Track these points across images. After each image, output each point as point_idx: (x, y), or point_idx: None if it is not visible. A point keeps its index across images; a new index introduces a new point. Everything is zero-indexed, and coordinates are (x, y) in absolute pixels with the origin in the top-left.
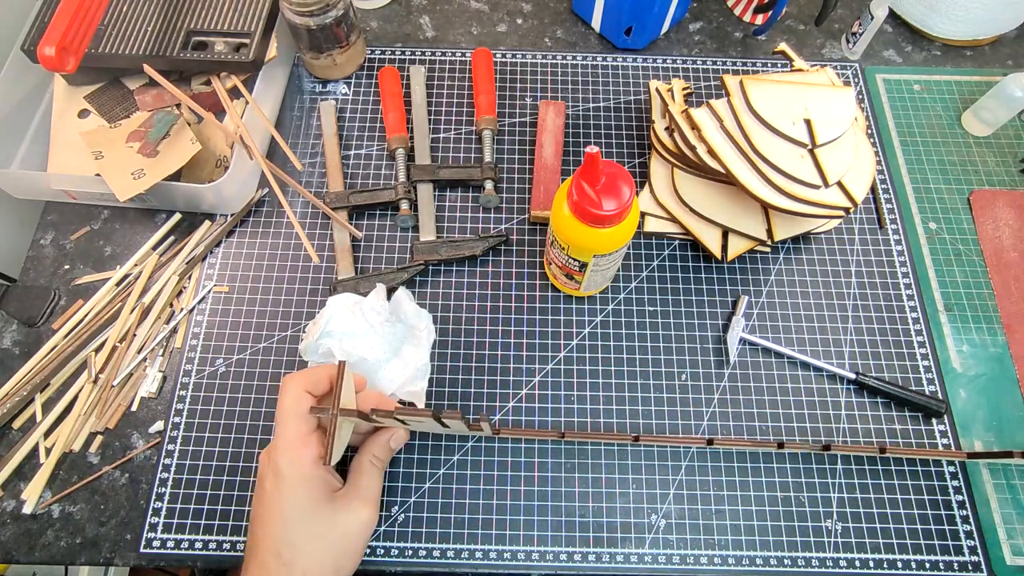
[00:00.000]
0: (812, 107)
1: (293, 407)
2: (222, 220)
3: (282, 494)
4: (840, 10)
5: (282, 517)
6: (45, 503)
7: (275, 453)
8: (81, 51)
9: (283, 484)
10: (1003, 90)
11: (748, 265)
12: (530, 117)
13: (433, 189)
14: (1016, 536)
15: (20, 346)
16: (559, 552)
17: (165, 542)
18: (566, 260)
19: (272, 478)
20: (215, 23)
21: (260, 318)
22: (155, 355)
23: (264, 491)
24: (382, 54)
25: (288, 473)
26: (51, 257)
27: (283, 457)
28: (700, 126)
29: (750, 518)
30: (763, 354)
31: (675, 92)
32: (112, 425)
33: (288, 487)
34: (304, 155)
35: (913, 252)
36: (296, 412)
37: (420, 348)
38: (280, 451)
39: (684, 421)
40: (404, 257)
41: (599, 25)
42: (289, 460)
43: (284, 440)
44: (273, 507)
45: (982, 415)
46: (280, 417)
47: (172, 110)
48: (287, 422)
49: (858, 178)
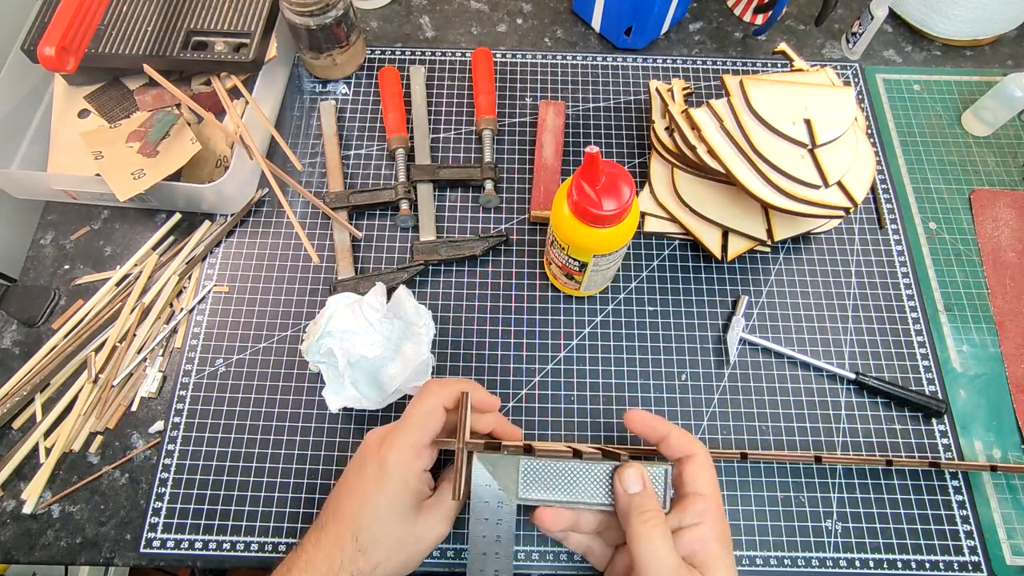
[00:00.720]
0: (812, 107)
1: (423, 417)
2: (222, 220)
3: (381, 488)
4: (840, 10)
5: (373, 508)
6: (45, 503)
7: (388, 448)
8: (81, 51)
9: (385, 480)
10: (1003, 90)
11: (748, 265)
12: (530, 117)
13: (433, 189)
14: (1016, 536)
15: (20, 346)
16: (559, 552)
17: (165, 542)
18: (566, 260)
19: (376, 468)
20: (215, 23)
21: (260, 318)
22: (155, 355)
23: (364, 474)
24: (382, 54)
25: (394, 474)
26: (51, 257)
27: (394, 457)
28: (700, 126)
29: (750, 518)
30: (763, 354)
31: (675, 92)
32: (112, 425)
33: (388, 484)
34: (304, 155)
35: (913, 252)
36: (423, 423)
37: (420, 345)
38: (395, 450)
39: (684, 421)
40: (404, 257)
41: (599, 25)
42: (398, 462)
43: (402, 442)
44: (368, 495)
45: (982, 415)
46: (409, 417)
47: (172, 110)
48: (412, 428)
49: (858, 178)
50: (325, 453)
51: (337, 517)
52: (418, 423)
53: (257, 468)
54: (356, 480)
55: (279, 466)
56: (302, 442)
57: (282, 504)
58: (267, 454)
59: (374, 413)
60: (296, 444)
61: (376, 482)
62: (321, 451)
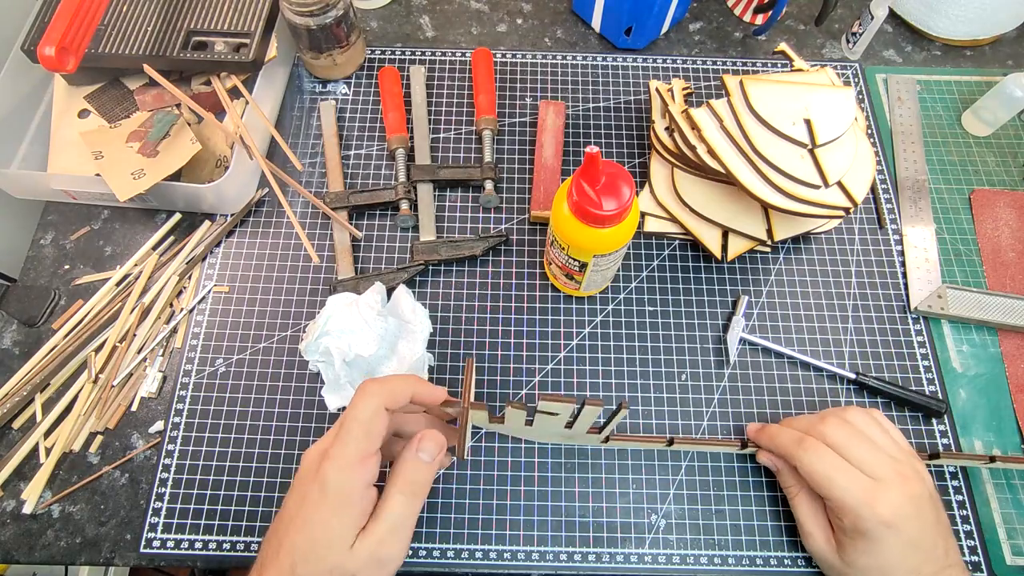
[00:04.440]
0: (812, 107)
1: (366, 423)
2: (222, 220)
3: (319, 511)
4: (840, 10)
5: (310, 537)
6: (45, 503)
7: (329, 465)
8: (81, 51)
9: (324, 502)
10: (1003, 90)
11: (748, 265)
12: (530, 117)
13: (433, 189)
14: (1016, 536)
15: (20, 346)
16: (559, 552)
17: (165, 542)
18: (566, 260)
19: (317, 490)
20: (215, 23)
21: (260, 318)
22: (155, 355)
23: (304, 496)
24: (382, 54)
25: (336, 492)
26: (51, 257)
27: (337, 473)
28: (700, 126)
29: (750, 518)
30: (763, 354)
31: (675, 92)
32: (112, 425)
33: (328, 507)
34: (304, 155)
35: None
36: (367, 429)
37: (415, 343)
38: (335, 465)
39: (684, 421)
40: (404, 257)
41: (599, 25)
42: (341, 478)
43: (344, 455)
44: (307, 520)
45: (982, 415)
46: (348, 427)
47: (172, 110)
48: (352, 437)
49: (858, 178)
50: None
51: (277, 550)
52: (361, 430)
53: (257, 468)
54: (295, 507)
55: (279, 466)
56: (302, 442)
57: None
58: (267, 454)
59: None
60: (296, 444)
61: (315, 504)
62: None
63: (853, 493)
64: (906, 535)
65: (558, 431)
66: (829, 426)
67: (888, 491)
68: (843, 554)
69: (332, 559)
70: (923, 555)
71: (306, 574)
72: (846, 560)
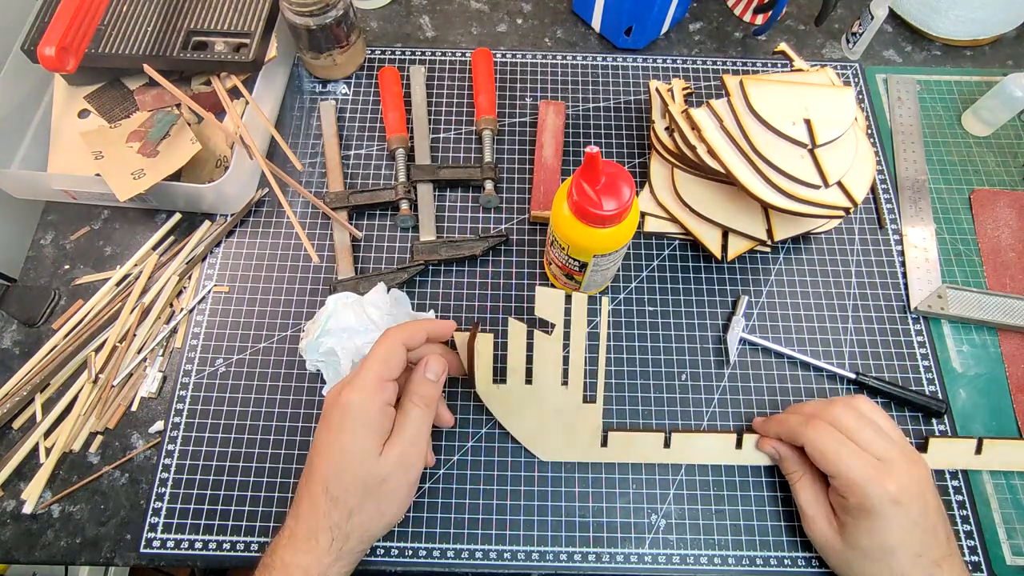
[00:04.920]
0: (812, 107)
1: (383, 352)
2: (222, 220)
3: (344, 432)
4: (840, 10)
5: (340, 454)
6: (45, 503)
7: (349, 390)
8: (81, 51)
9: (348, 422)
10: (1003, 90)
11: (748, 265)
12: (530, 117)
13: (433, 189)
14: (1016, 536)
15: (20, 346)
16: (559, 552)
17: (165, 542)
18: (566, 260)
19: (339, 415)
20: (215, 23)
21: (260, 318)
22: (155, 355)
23: (329, 424)
24: (382, 54)
25: (357, 412)
26: (51, 257)
27: (356, 394)
28: (700, 126)
29: (750, 518)
30: (763, 354)
31: (675, 92)
32: (112, 425)
33: (352, 425)
34: (304, 155)
35: None
36: (384, 357)
37: None
38: (355, 389)
39: (684, 421)
40: (404, 257)
41: (599, 25)
42: (361, 400)
43: (362, 379)
44: (333, 442)
45: (982, 415)
46: (367, 360)
47: (172, 110)
48: (373, 363)
49: (858, 178)
50: None
51: (308, 479)
52: (380, 357)
53: (257, 468)
54: (322, 433)
55: (279, 466)
56: (302, 442)
57: (282, 504)
58: (267, 454)
59: None
60: (296, 444)
61: (339, 427)
62: None
63: (861, 469)
64: (911, 515)
65: (559, 399)
66: (837, 409)
67: (895, 470)
68: (846, 536)
69: (363, 469)
70: (926, 538)
71: (339, 490)
72: (849, 542)
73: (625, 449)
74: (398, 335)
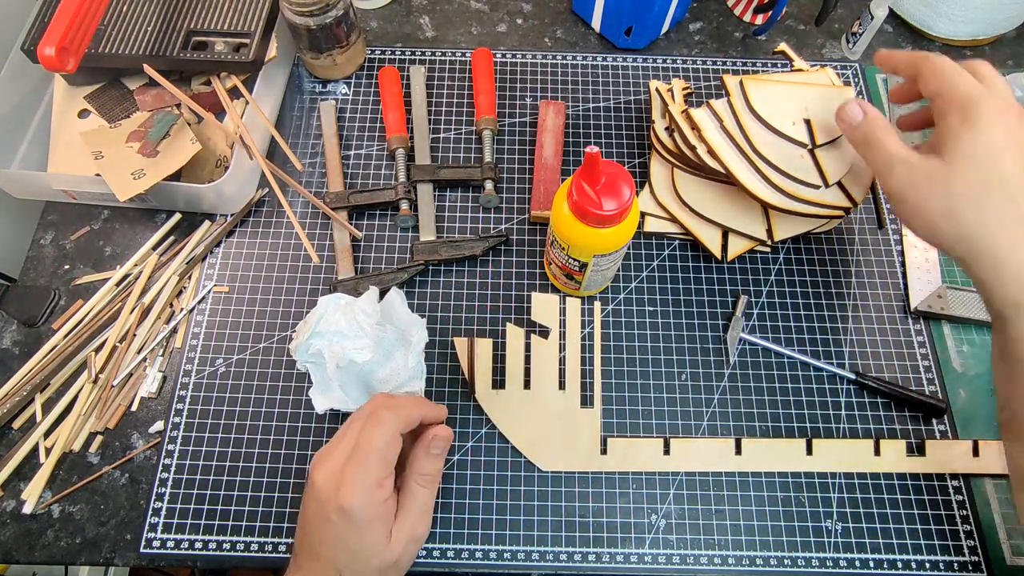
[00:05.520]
0: (812, 107)
1: (383, 451)
2: (222, 220)
3: (351, 535)
4: (840, 10)
5: (347, 552)
6: (45, 503)
7: (349, 492)
8: (81, 51)
9: (352, 526)
10: None
11: (748, 265)
12: (530, 117)
13: (433, 189)
14: (1016, 536)
15: (20, 346)
16: (559, 552)
17: (165, 542)
18: (566, 260)
19: (341, 518)
20: (215, 23)
21: (260, 318)
22: (155, 355)
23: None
24: (382, 54)
25: (359, 517)
26: (51, 257)
27: (357, 500)
28: (700, 126)
29: (750, 518)
30: (763, 354)
31: (675, 92)
32: (112, 425)
33: (357, 529)
34: (304, 155)
35: None
36: (383, 457)
37: (412, 353)
38: (356, 493)
39: (684, 421)
40: (404, 257)
41: (599, 25)
42: (362, 504)
43: (363, 483)
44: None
45: (982, 415)
46: (365, 454)
47: (172, 110)
48: (371, 465)
49: (858, 178)
50: None
51: (314, 557)
52: (379, 457)
53: (257, 468)
54: (322, 528)
55: (279, 466)
56: (302, 442)
57: (282, 504)
58: (267, 454)
59: None
60: (296, 444)
61: (345, 530)
62: None
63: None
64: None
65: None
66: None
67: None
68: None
69: (375, 560)
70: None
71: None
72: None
73: (625, 457)
74: (395, 424)
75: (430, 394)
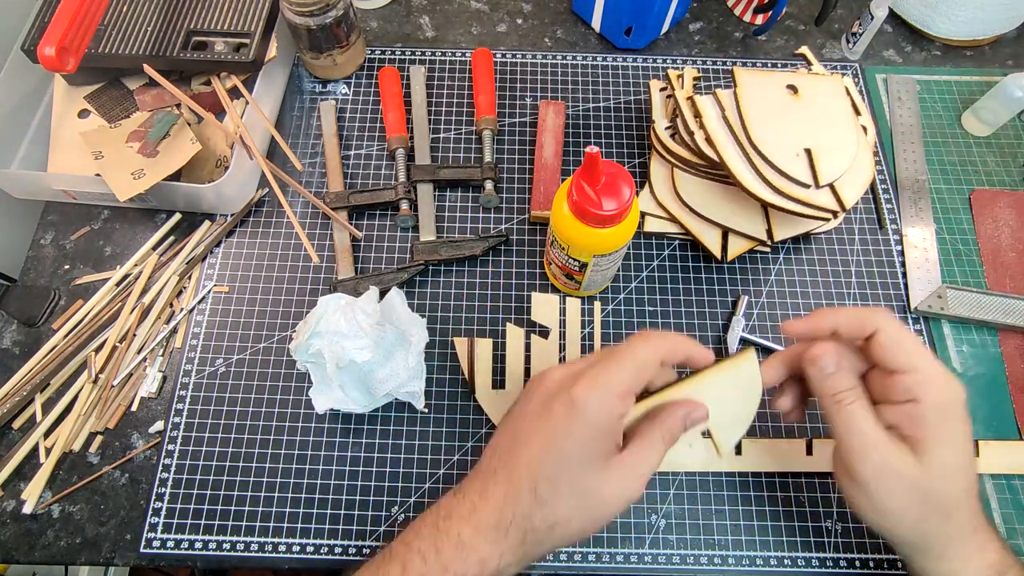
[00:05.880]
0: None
1: (641, 362)
2: (222, 220)
3: (570, 432)
4: (840, 10)
5: (560, 455)
6: (45, 503)
7: (589, 386)
8: (81, 51)
9: (578, 422)
10: (1003, 90)
11: (748, 265)
12: (530, 117)
13: (433, 189)
14: (1016, 536)
15: (20, 346)
16: (559, 552)
17: (165, 542)
18: (566, 260)
19: (566, 408)
20: (215, 23)
21: (260, 318)
22: (155, 355)
23: (550, 414)
24: (382, 54)
25: (590, 416)
26: (51, 257)
27: (595, 396)
28: (703, 112)
29: (750, 518)
30: (763, 354)
31: (685, 79)
32: (112, 425)
33: (581, 428)
34: (304, 155)
35: None
36: (639, 368)
37: (412, 353)
38: (597, 388)
39: None
40: (404, 257)
41: (599, 25)
42: (599, 403)
43: (607, 380)
44: (554, 440)
45: (982, 415)
46: (620, 359)
47: (172, 110)
48: (624, 368)
49: (852, 184)
50: (325, 453)
51: (510, 463)
52: (635, 366)
53: (257, 468)
54: (537, 421)
55: (279, 466)
56: (302, 442)
57: (282, 504)
58: (267, 454)
59: (361, 415)
60: (296, 444)
61: (565, 425)
62: (321, 451)
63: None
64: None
65: None
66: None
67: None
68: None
69: (583, 483)
70: None
71: (550, 494)
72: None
73: None
74: (660, 345)
75: (430, 394)
